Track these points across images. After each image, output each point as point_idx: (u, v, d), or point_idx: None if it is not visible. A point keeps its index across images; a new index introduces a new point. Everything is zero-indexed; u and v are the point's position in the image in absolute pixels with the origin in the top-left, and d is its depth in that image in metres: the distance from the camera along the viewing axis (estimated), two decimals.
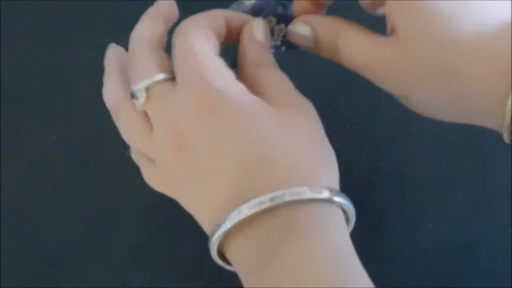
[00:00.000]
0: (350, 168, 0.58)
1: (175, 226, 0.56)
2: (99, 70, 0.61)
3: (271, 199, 0.30)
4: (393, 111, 0.58)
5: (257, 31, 0.37)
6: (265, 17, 0.38)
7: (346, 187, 0.60)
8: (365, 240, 0.57)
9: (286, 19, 0.39)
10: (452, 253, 0.57)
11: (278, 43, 0.39)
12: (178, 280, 0.56)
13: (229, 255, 0.33)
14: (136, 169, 0.43)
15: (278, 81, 0.36)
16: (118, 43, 0.44)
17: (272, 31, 0.39)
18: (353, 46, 0.35)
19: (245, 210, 0.30)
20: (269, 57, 0.37)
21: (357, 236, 0.59)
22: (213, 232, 0.31)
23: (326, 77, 0.39)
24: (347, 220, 0.35)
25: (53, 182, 0.57)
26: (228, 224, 0.31)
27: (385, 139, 0.58)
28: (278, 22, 0.39)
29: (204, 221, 0.34)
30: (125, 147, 0.39)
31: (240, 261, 0.32)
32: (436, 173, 0.58)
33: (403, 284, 0.56)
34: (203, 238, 0.35)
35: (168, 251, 0.56)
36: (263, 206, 0.30)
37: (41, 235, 0.56)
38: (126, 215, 0.57)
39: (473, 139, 0.57)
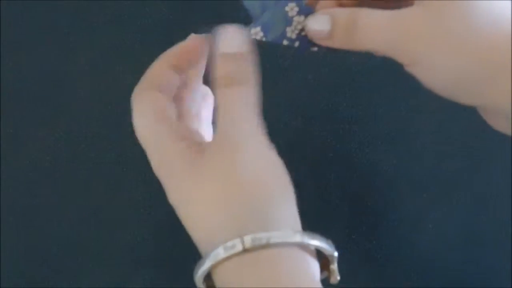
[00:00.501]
0: (350, 168, 0.58)
1: (175, 226, 0.56)
2: (99, 70, 0.62)
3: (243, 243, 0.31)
4: (393, 111, 0.58)
5: (220, 43, 0.35)
6: (286, 4, 0.37)
7: (346, 187, 0.60)
8: (365, 240, 0.57)
9: (309, 12, 0.38)
10: (452, 253, 0.57)
11: (294, 36, 0.38)
12: (178, 280, 0.56)
13: (215, 275, 0.33)
14: (136, 169, 0.43)
15: (223, 111, 0.34)
16: (118, 43, 0.44)
17: (291, 21, 0.38)
18: (374, 22, 0.35)
19: (221, 252, 0.31)
20: (237, 73, 0.34)
21: (357, 236, 0.59)
22: (213, 253, 0.32)
23: (326, 78, 0.39)
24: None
25: (53, 182, 0.57)
26: (208, 263, 0.32)
27: (385, 139, 0.58)
28: (299, 14, 0.38)
29: (194, 231, 0.34)
30: (125, 147, 0.39)
31: (225, 284, 0.33)
32: (436, 173, 0.58)
33: (402, 284, 0.56)
34: None
35: (168, 251, 0.56)
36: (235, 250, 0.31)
37: (41, 235, 0.56)
38: (126, 215, 0.57)
39: (473, 139, 0.57)
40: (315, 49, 0.38)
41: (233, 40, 0.35)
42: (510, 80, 0.32)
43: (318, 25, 0.36)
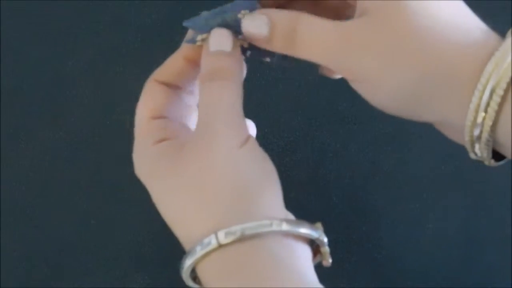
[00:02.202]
0: (350, 168, 0.58)
1: None
2: (99, 70, 0.62)
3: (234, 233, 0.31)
4: None
5: (209, 42, 0.35)
6: (239, 11, 0.35)
7: (346, 187, 0.60)
8: (365, 240, 0.57)
9: None
10: (452, 253, 0.57)
11: (245, 45, 0.36)
12: (178, 280, 0.56)
13: (199, 271, 0.33)
14: None
15: (206, 104, 0.34)
16: (118, 43, 0.44)
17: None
18: (315, 32, 0.33)
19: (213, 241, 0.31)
20: (222, 69, 0.34)
21: (357, 236, 0.59)
22: (192, 251, 0.32)
23: (326, 78, 0.40)
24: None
25: (53, 182, 0.57)
26: (188, 262, 0.32)
27: (385, 139, 0.58)
28: None
29: (177, 229, 0.34)
30: (125, 147, 0.39)
31: (207, 280, 0.32)
32: (436, 173, 0.58)
33: (403, 284, 0.56)
34: None
35: (168, 251, 0.56)
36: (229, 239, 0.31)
37: (41, 235, 0.56)
38: (126, 215, 0.57)
39: None
40: (267, 59, 0.37)
41: (219, 40, 0.35)
42: (458, 92, 0.31)
43: (255, 26, 0.35)
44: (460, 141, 0.33)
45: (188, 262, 0.32)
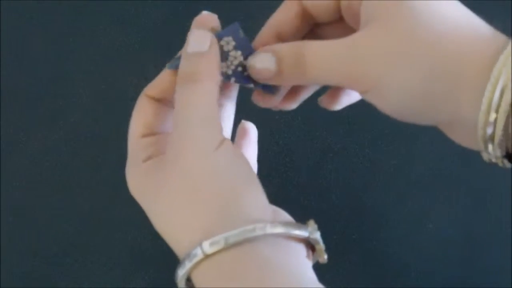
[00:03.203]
0: (350, 168, 0.58)
1: None
2: (99, 70, 0.62)
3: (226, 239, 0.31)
4: None
5: (187, 44, 0.35)
6: (222, 38, 0.35)
7: (346, 187, 0.60)
8: (365, 240, 0.57)
9: (246, 48, 0.36)
10: (452, 253, 0.57)
11: (230, 72, 0.36)
12: None
13: (193, 279, 0.33)
14: None
15: (178, 108, 0.34)
16: (118, 43, 0.44)
17: (227, 55, 0.36)
18: (323, 52, 0.33)
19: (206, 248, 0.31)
20: (197, 71, 0.34)
21: (357, 236, 0.59)
22: (182, 263, 0.32)
23: None
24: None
25: (53, 182, 0.57)
26: (180, 273, 0.32)
27: (385, 139, 0.58)
28: (236, 48, 0.36)
29: (171, 239, 0.34)
30: (125, 147, 0.39)
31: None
32: (436, 173, 0.58)
33: (403, 284, 0.56)
34: None
35: (168, 251, 0.56)
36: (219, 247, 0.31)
37: (41, 235, 0.56)
38: (126, 215, 0.57)
39: None
40: (251, 85, 0.36)
41: (196, 41, 0.35)
42: (469, 91, 0.31)
43: (263, 64, 0.35)
44: (470, 144, 0.33)
45: (180, 273, 0.32)
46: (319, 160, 0.58)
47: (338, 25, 0.36)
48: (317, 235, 0.33)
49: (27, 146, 0.58)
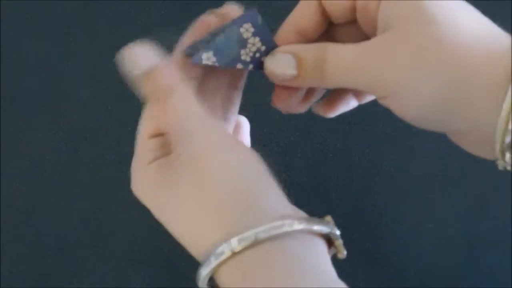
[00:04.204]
0: (350, 168, 0.58)
1: None
2: (99, 70, 0.62)
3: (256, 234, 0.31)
4: None
5: (130, 66, 0.34)
6: (241, 25, 0.35)
7: (346, 188, 0.60)
8: (365, 240, 0.57)
9: (265, 35, 0.35)
10: (452, 253, 0.57)
11: (248, 59, 0.36)
12: (178, 280, 0.56)
13: (217, 278, 0.33)
14: None
15: (171, 124, 0.33)
16: (118, 43, 0.43)
17: (245, 43, 0.35)
18: (344, 57, 0.33)
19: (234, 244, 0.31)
20: (165, 85, 0.33)
21: (357, 236, 0.59)
22: (206, 262, 0.32)
23: None
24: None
25: (53, 182, 0.57)
26: (203, 272, 0.32)
27: (385, 139, 0.58)
28: (254, 35, 0.35)
29: (190, 243, 0.34)
30: (125, 147, 0.39)
31: (227, 286, 0.32)
32: (436, 173, 0.58)
33: (403, 284, 0.56)
34: None
35: (168, 251, 0.56)
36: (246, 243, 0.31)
37: (41, 235, 0.56)
38: (126, 215, 0.57)
39: None
40: (240, 66, 0.36)
41: (139, 60, 0.35)
42: (488, 99, 0.31)
43: (281, 67, 0.34)
44: (485, 154, 0.33)
45: (204, 273, 0.32)
46: (319, 160, 0.58)
47: (351, 27, 0.36)
48: (337, 231, 0.33)
49: (27, 146, 0.58)
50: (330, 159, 0.58)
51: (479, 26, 0.32)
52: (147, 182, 0.34)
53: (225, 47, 0.35)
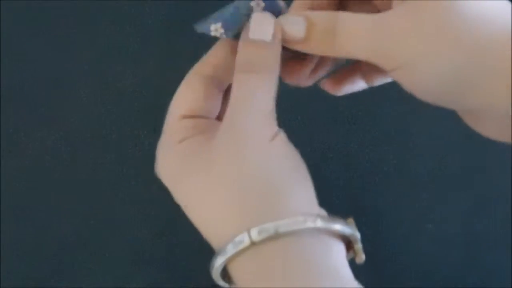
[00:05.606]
0: (350, 168, 0.58)
1: (175, 226, 0.56)
2: (99, 70, 0.62)
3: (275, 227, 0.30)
4: (393, 111, 0.58)
5: (250, 28, 0.34)
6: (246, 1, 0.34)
7: (346, 187, 0.60)
8: (365, 240, 0.57)
9: (275, 10, 0.35)
10: (452, 253, 0.57)
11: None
12: (178, 280, 0.56)
13: (231, 270, 0.32)
14: (136, 169, 0.43)
15: (237, 96, 0.33)
16: (118, 43, 0.44)
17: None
18: (356, 26, 0.33)
19: (254, 236, 0.30)
20: (260, 61, 0.34)
21: None
22: (223, 250, 0.31)
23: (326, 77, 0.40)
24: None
25: (53, 182, 0.57)
26: (219, 261, 0.31)
27: (385, 139, 0.58)
28: (265, 10, 0.35)
29: (207, 229, 0.33)
30: (125, 147, 0.39)
31: (241, 280, 0.32)
32: (436, 173, 0.58)
33: (403, 284, 0.56)
34: (202, 238, 0.35)
35: (168, 251, 0.56)
36: (266, 235, 0.30)
37: (41, 235, 0.56)
38: (126, 215, 0.57)
39: (473, 139, 0.57)
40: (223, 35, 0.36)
41: (260, 27, 0.34)
42: (506, 76, 0.30)
43: (292, 27, 0.34)
44: (498, 135, 0.33)
45: (219, 261, 0.31)
46: (319, 160, 0.58)
47: (364, 4, 0.36)
48: (358, 234, 0.33)
49: (27, 146, 0.58)
50: (330, 159, 0.58)
51: (497, 7, 0.31)
52: (174, 163, 0.33)
53: (234, 20, 0.35)
